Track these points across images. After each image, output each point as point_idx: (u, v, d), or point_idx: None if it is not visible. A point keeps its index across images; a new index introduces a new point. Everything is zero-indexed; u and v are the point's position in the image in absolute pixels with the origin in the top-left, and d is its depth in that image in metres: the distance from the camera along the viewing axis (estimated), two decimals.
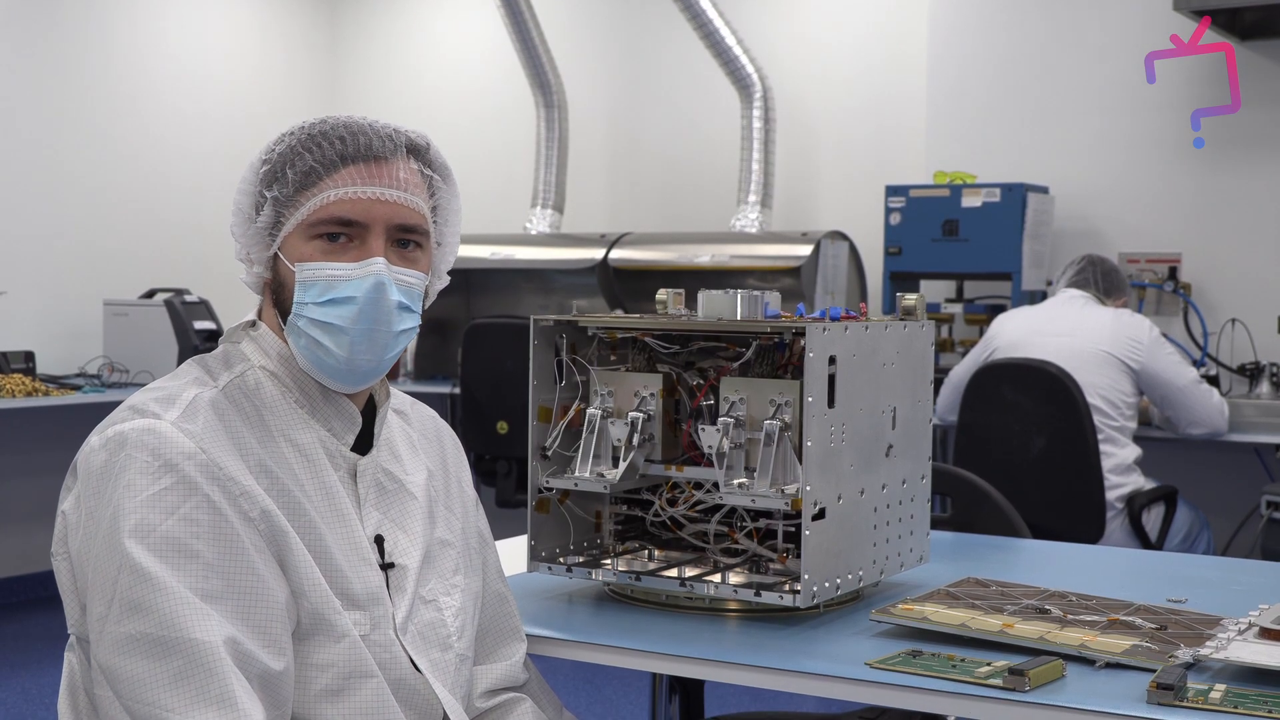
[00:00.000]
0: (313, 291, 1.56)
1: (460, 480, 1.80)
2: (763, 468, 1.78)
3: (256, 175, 1.60)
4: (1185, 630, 1.75)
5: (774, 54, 6.10)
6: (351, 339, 1.56)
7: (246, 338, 1.63)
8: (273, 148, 1.60)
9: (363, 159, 1.58)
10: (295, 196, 1.57)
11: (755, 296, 1.89)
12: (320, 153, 1.57)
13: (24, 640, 5.36)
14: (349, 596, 1.55)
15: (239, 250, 1.63)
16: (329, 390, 1.61)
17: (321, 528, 1.55)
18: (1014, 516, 2.73)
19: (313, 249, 1.57)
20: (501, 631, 1.79)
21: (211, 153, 6.73)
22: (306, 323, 1.57)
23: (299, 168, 1.57)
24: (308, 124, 1.61)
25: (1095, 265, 4.59)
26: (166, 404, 1.50)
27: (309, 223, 1.57)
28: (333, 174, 1.57)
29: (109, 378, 5.70)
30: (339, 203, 1.56)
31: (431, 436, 1.78)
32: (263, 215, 1.58)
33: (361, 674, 1.53)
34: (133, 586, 1.39)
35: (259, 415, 1.56)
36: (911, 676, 1.60)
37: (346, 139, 1.58)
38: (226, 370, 1.59)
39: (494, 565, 1.81)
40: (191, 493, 1.44)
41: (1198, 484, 4.89)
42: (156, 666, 1.37)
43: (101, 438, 1.48)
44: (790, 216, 6.17)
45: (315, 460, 1.58)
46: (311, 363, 1.59)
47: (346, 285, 1.56)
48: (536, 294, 6.33)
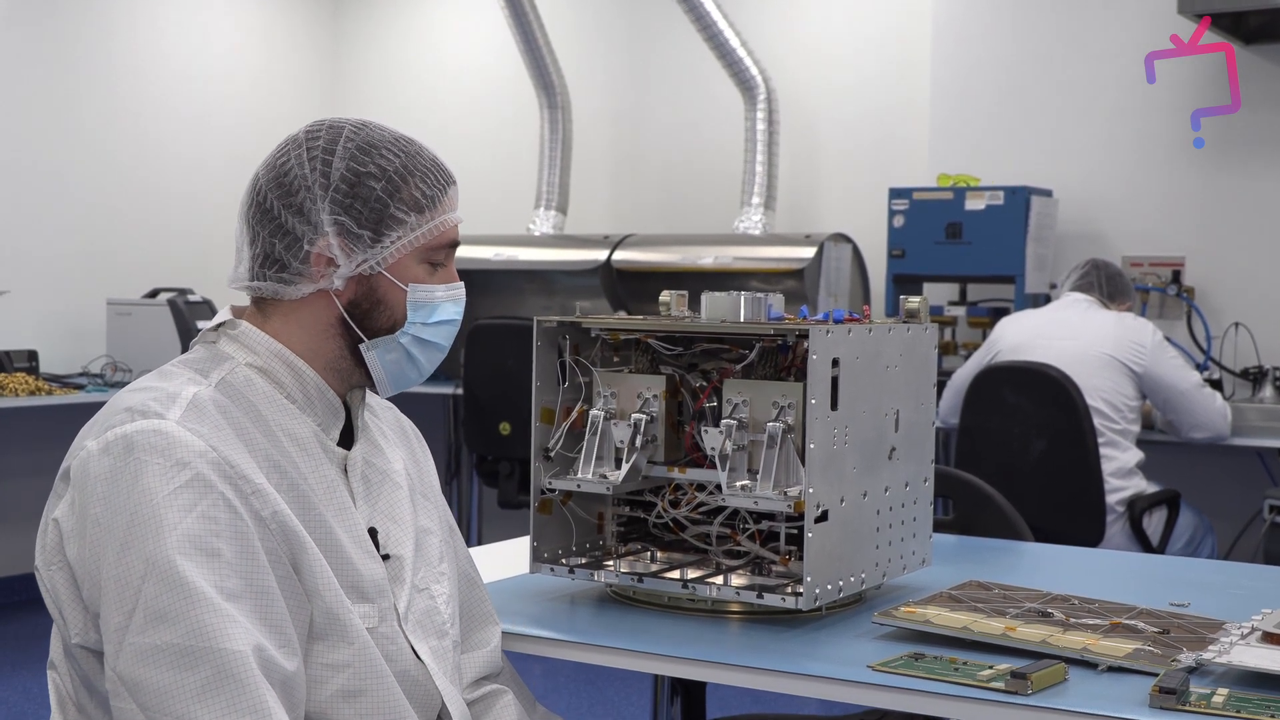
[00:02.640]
0: (423, 312, 1.63)
1: (428, 469, 1.82)
2: (765, 470, 1.78)
3: (346, 185, 1.58)
4: (1188, 634, 1.75)
5: (778, 56, 6.10)
6: (440, 356, 1.68)
7: (224, 337, 1.63)
8: (364, 160, 1.59)
9: (452, 183, 1.66)
10: (415, 218, 1.60)
11: (758, 298, 1.89)
12: (434, 178, 1.63)
13: (24, 640, 5.36)
14: (359, 590, 1.55)
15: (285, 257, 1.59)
16: (322, 384, 1.63)
17: (331, 521, 1.55)
18: (1016, 519, 2.73)
19: (422, 271, 1.64)
20: (476, 616, 1.80)
21: (214, 153, 6.73)
22: (410, 340, 1.64)
23: (419, 190, 1.61)
24: (380, 138, 1.62)
25: (1100, 269, 4.59)
26: (167, 403, 1.48)
27: (429, 246, 1.62)
28: (444, 199, 1.64)
29: (112, 377, 5.70)
30: (454, 228, 1.65)
31: (396, 428, 1.80)
32: (363, 231, 1.58)
33: (375, 674, 1.53)
34: (159, 594, 1.37)
35: (255, 410, 1.56)
36: (913, 679, 1.59)
37: (439, 165, 1.65)
38: (216, 368, 1.59)
39: (462, 551, 1.83)
40: (208, 490, 1.43)
41: (1200, 488, 4.88)
42: (183, 677, 1.36)
43: (101, 442, 1.45)
44: (793, 219, 6.17)
45: (314, 453, 1.59)
46: (389, 375, 1.65)
47: (449, 307, 1.66)
48: (539, 295, 6.33)
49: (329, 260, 1.59)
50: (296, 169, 1.59)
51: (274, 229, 1.60)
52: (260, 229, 1.61)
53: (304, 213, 1.58)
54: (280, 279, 1.60)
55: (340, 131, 1.61)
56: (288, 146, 1.62)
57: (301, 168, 1.59)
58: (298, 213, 1.59)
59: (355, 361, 1.64)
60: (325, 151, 1.59)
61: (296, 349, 1.62)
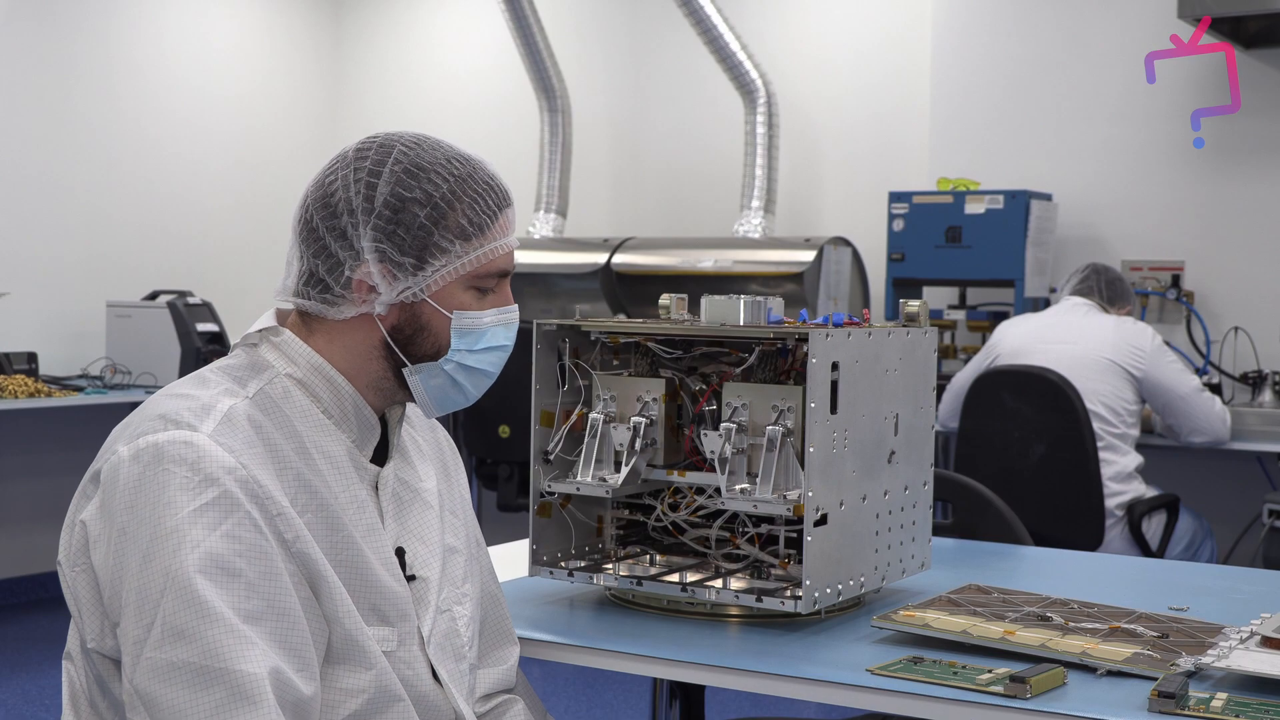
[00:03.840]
0: (469, 339, 1.61)
1: (460, 483, 1.79)
2: (765, 473, 1.78)
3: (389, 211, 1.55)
4: (1187, 638, 1.75)
5: (778, 59, 6.10)
6: (489, 382, 1.65)
7: (266, 343, 1.60)
8: (410, 185, 1.55)
9: (506, 206, 1.62)
10: (460, 246, 1.57)
11: (758, 302, 1.89)
12: (484, 203, 1.59)
13: (24, 642, 5.35)
14: (379, 612, 1.54)
15: (328, 279, 1.57)
16: (360, 400, 1.60)
17: (359, 541, 1.53)
18: (1016, 523, 2.73)
19: (469, 297, 1.60)
20: (496, 634, 1.78)
21: (214, 155, 6.73)
22: (455, 367, 1.60)
23: (466, 217, 1.57)
24: (432, 158, 1.57)
25: (1100, 274, 4.59)
26: (201, 415, 1.46)
27: (476, 275, 1.59)
28: (494, 225, 1.60)
29: (111, 379, 5.70)
30: (505, 256, 1.61)
31: (432, 441, 1.78)
32: (405, 258, 1.55)
33: (391, 698, 1.52)
34: (177, 611, 1.36)
35: (291, 425, 1.53)
36: (912, 683, 1.60)
37: (495, 188, 1.60)
38: (255, 378, 1.56)
39: (488, 566, 1.81)
40: (234, 509, 1.41)
41: (1200, 492, 4.88)
42: (198, 696, 1.35)
43: (132, 448, 1.43)
44: (793, 222, 6.17)
45: (345, 472, 1.57)
46: (433, 399, 1.62)
47: (499, 332, 1.63)
48: (539, 298, 6.33)
49: (370, 287, 1.56)
50: (341, 190, 1.56)
51: (318, 249, 1.57)
52: (306, 247, 1.58)
53: (347, 237, 1.56)
54: (324, 299, 1.58)
55: (390, 151, 1.57)
56: (336, 164, 1.59)
57: (347, 189, 1.56)
58: (340, 236, 1.56)
59: (399, 383, 1.61)
60: (371, 174, 1.56)
61: (339, 365, 1.59)
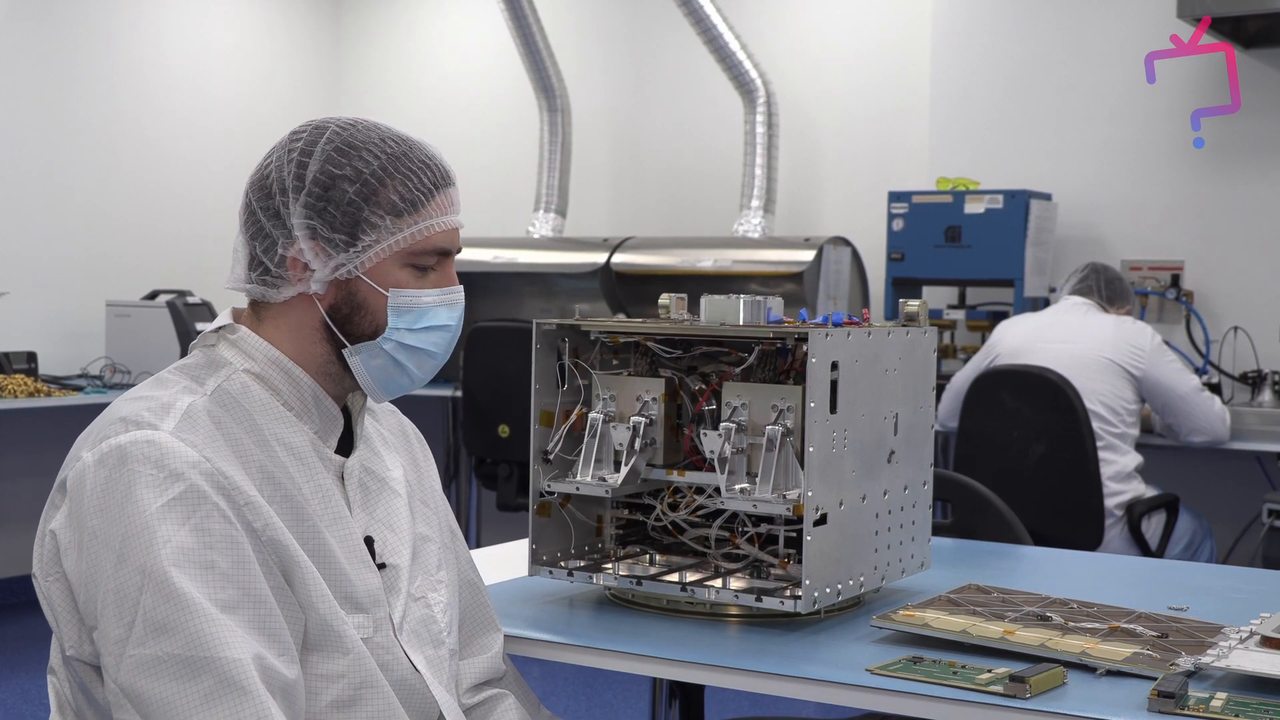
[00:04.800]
0: (407, 318, 1.59)
1: (430, 474, 1.80)
2: (764, 473, 1.78)
3: (319, 189, 1.55)
4: (1186, 638, 1.75)
5: (777, 59, 6.10)
6: (435, 363, 1.63)
7: (222, 341, 1.62)
8: (340, 163, 1.55)
9: (445, 185, 1.61)
10: (392, 222, 1.56)
11: (758, 302, 1.88)
12: (418, 180, 1.58)
13: (23, 641, 5.36)
14: (352, 600, 1.54)
15: (265, 260, 1.58)
16: (319, 391, 1.61)
17: (325, 532, 1.54)
18: (1015, 523, 2.73)
19: (406, 275, 1.59)
20: (478, 622, 1.79)
21: (214, 154, 6.73)
22: (394, 346, 1.59)
23: (398, 193, 1.56)
24: (365, 138, 1.57)
25: (1099, 273, 4.59)
26: (161, 413, 1.47)
27: (411, 251, 1.58)
28: (430, 202, 1.58)
29: (111, 379, 5.70)
30: (443, 234, 1.60)
31: (398, 432, 1.78)
32: (336, 235, 1.55)
33: (370, 684, 1.52)
34: (157, 606, 1.37)
35: (251, 419, 1.55)
36: (912, 683, 1.59)
37: (432, 166, 1.59)
38: (212, 375, 1.57)
39: (465, 556, 1.81)
40: (201, 501, 1.42)
41: (1199, 492, 4.88)
42: (186, 687, 1.35)
43: (96, 453, 1.44)
44: (793, 222, 6.17)
45: (309, 463, 1.57)
46: (376, 381, 1.62)
47: (441, 312, 1.61)
48: (539, 298, 6.33)
49: (304, 265, 1.57)
50: (275, 172, 1.58)
51: (255, 231, 1.59)
52: (245, 231, 1.60)
53: (280, 216, 1.57)
54: (264, 281, 1.59)
55: (323, 132, 1.58)
56: (274, 148, 1.61)
57: (280, 170, 1.58)
58: (274, 216, 1.57)
59: (343, 366, 1.61)
60: (303, 154, 1.57)
61: (288, 351, 1.60)
